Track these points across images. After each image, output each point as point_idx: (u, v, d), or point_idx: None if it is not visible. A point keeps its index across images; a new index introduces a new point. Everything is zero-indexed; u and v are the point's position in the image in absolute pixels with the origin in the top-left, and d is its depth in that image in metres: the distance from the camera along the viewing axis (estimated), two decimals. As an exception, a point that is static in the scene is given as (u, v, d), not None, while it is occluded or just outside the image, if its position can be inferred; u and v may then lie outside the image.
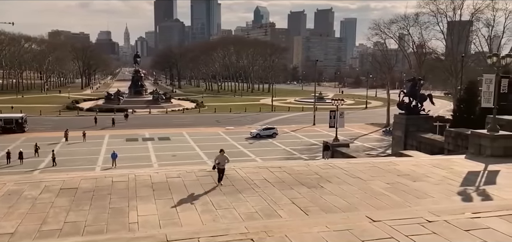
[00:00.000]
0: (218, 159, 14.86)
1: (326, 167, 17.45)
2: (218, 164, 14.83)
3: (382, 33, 73.67)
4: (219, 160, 14.83)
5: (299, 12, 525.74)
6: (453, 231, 8.32)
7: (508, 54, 27.45)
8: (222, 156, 14.88)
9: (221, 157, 14.87)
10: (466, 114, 38.49)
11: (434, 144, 29.00)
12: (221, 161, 14.84)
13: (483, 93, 22.42)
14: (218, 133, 64.71)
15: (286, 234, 7.76)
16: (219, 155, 14.92)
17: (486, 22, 62.88)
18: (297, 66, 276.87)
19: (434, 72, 74.49)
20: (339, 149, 30.13)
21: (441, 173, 16.64)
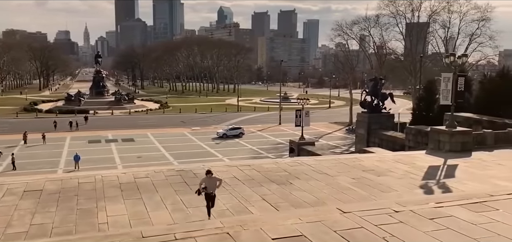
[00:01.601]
0: (205, 183, 11.60)
1: (294, 164, 17.77)
2: (205, 188, 11.56)
3: (345, 34, 75.29)
4: (206, 184, 11.59)
5: (263, 13, 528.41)
6: (419, 219, 8.76)
7: (464, 54, 28.91)
8: (210, 179, 11.65)
9: (210, 180, 11.63)
10: (425, 112, 40.09)
11: (395, 141, 29.96)
12: (209, 185, 11.60)
13: (441, 91, 23.43)
14: (184, 134, 64.13)
15: (261, 227, 7.91)
16: (205, 178, 11.67)
17: (442, 23, 65.56)
18: (262, 67, 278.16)
19: (394, 72, 76.77)
20: (305, 147, 30.53)
21: (404, 168, 17.32)
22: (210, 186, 11.64)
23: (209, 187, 11.59)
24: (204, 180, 11.72)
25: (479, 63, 63.87)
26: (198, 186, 11.84)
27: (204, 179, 11.76)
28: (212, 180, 11.70)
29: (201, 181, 11.90)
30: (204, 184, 11.66)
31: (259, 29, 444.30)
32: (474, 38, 62.15)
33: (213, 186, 11.71)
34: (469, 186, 14.32)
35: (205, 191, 11.60)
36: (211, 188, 11.64)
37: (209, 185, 11.64)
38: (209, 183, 11.65)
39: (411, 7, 66.36)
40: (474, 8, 62.21)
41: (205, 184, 11.63)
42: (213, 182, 11.73)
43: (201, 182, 11.84)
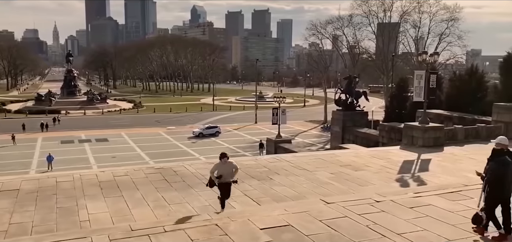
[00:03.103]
0: (219, 170, 9.88)
1: (273, 161, 17.97)
2: (220, 177, 9.84)
3: (319, 33, 76.29)
4: (221, 171, 9.87)
5: (237, 12, 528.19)
6: (399, 208, 9.11)
7: (435, 52, 29.88)
8: (225, 164, 9.92)
9: (224, 165, 9.92)
10: (398, 110, 41.12)
11: (369, 137, 30.61)
12: (225, 172, 9.91)
13: (414, 89, 24.16)
14: (159, 133, 63.53)
15: (249, 218, 8.06)
16: (219, 164, 9.94)
17: (413, 23, 67.32)
18: (236, 66, 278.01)
19: (366, 71, 78.29)
20: (282, 145, 30.87)
21: (380, 163, 17.77)
22: (225, 173, 9.97)
23: (225, 175, 9.93)
24: (218, 166, 9.97)
25: (448, 62, 65.85)
26: (210, 175, 10.00)
27: (217, 165, 9.99)
28: (227, 165, 10.05)
29: (213, 168, 9.99)
30: (218, 171, 9.89)
31: (233, 29, 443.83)
32: (443, 38, 64.17)
33: (229, 173, 10.08)
34: (442, 179, 14.85)
35: (220, 180, 9.83)
36: (227, 175, 10.00)
37: (224, 171, 9.96)
38: (224, 170, 9.98)
39: (383, 7, 67.93)
40: (444, 8, 64.25)
41: (219, 172, 9.88)
42: (229, 168, 10.09)
43: (214, 169, 9.97)
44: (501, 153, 7.59)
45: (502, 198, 7.54)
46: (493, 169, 7.47)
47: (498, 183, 7.39)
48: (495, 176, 7.41)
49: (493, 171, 7.46)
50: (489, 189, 7.49)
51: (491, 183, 7.46)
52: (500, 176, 7.39)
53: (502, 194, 7.51)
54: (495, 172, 7.41)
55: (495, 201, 7.54)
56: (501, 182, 7.38)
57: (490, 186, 7.48)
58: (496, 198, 7.52)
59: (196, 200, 12.41)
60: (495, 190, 7.42)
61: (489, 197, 7.51)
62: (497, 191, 7.44)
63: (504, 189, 7.48)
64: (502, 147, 7.75)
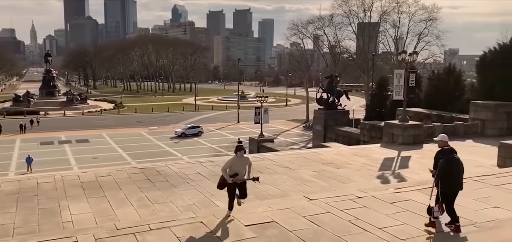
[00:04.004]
0: (235, 166, 8.63)
1: (256, 160, 18.06)
2: (234, 176, 8.59)
3: (300, 33, 76.86)
4: (237, 168, 8.64)
5: (218, 12, 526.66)
6: (380, 203, 9.35)
7: (414, 51, 30.53)
8: (241, 159, 8.72)
9: (240, 160, 8.71)
10: (378, 108, 41.77)
11: (350, 136, 31.03)
12: (241, 168, 8.71)
13: (394, 87, 24.60)
14: (141, 134, 63.03)
15: (234, 215, 8.16)
16: (235, 159, 8.69)
17: (392, 23, 68.39)
18: (218, 66, 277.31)
19: (347, 70, 79.16)
20: (264, 144, 31.00)
21: (361, 160, 18.09)
22: (241, 170, 8.70)
23: (241, 172, 8.68)
24: (233, 162, 8.63)
25: (427, 61, 67.06)
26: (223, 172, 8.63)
27: (232, 161, 8.65)
28: (243, 160, 8.79)
29: (226, 165, 8.64)
30: (232, 168, 8.60)
31: (214, 28, 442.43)
32: (422, 37, 65.34)
33: (243, 169, 8.82)
34: (422, 175, 15.20)
35: (236, 179, 8.56)
36: (242, 172, 8.77)
37: (240, 168, 8.67)
38: (240, 166, 8.69)
39: (363, 7, 68.82)
40: (422, 8, 65.45)
41: (234, 169, 8.59)
42: (244, 164, 8.83)
43: (227, 166, 8.63)
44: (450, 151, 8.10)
45: (452, 192, 8.03)
46: (441, 166, 7.94)
47: (447, 179, 7.88)
48: (444, 172, 7.88)
49: (441, 168, 7.93)
50: (440, 184, 7.97)
51: (441, 179, 7.93)
52: (448, 172, 7.87)
53: (451, 188, 8.00)
54: (443, 169, 7.89)
55: (447, 195, 8.01)
56: (449, 178, 7.89)
57: (440, 182, 7.96)
58: (447, 192, 8.00)
59: (180, 199, 12.45)
60: (444, 185, 7.94)
61: (442, 192, 8.00)
62: (447, 186, 7.94)
63: (452, 184, 7.98)
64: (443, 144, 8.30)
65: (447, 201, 8.01)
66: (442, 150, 8.28)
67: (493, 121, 25.45)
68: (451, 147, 8.26)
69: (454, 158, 8.02)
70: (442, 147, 8.32)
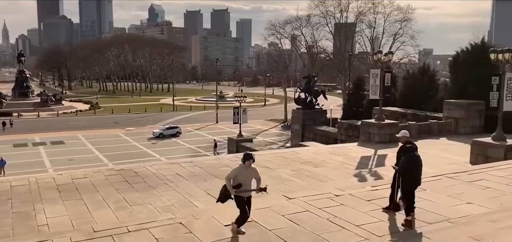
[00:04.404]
0: (240, 177, 7.71)
1: (235, 160, 18.00)
2: (238, 187, 7.65)
3: (278, 33, 77.16)
4: (242, 178, 7.71)
5: (195, 12, 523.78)
6: (358, 201, 9.52)
7: (390, 51, 30.98)
8: (249, 169, 7.78)
9: (247, 171, 7.78)
10: (355, 108, 42.29)
11: (328, 135, 31.37)
12: (247, 179, 7.77)
13: (370, 87, 24.96)
14: (118, 135, 62.15)
15: (213, 216, 8.16)
16: (241, 168, 7.77)
17: (368, 24, 69.38)
18: (196, 66, 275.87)
19: (324, 70, 79.90)
20: (243, 144, 31.00)
21: (339, 159, 18.33)
22: (247, 181, 7.74)
23: (246, 184, 7.70)
24: (238, 172, 7.69)
25: (402, 61, 68.33)
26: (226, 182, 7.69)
27: (237, 170, 7.72)
28: (250, 171, 7.78)
29: (230, 174, 7.73)
30: (237, 178, 7.66)
31: (192, 28, 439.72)
32: (397, 38, 66.52)
33: (249, 181, 7.81)
34: (397, 173, 15.54)
35: (238, 191, 7.57)
36: (248, 184, 7.78)
37: (246, 179, 7.72)
38: (246, 177, 7.74)
39: (339, 8, 69.56)
40: (397, 9, 66.64)
41: (239, 179, 7.65)
42: (251, 175, 7.84)
43: (232, 176, 7.70)
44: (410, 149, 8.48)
45: (413, 188, 8.48)
46: (403, 163, 8.38)
47: (408, 175, 8.35)
48: (405, 169, 8.33)
49: (403, 165, 8.38)
50: (402, 180, 8.41)
51: (403, 176, 8.37)
52: (410, 169, 8.31)
53: (412, 184, 8.46)
54: (405, 166, 8.33)
55: (408, 190, 8.46)
56: (410, 174, 8.35)
57: (402, 178, 8.40)
58: (408, 188, 8.45)
59: (159, 200, 12.37)
60: (406, 181, 8.38)
61: (403, 188, 8.46)
62: (408, 182, 8.39)
63: (413, 180, 8.44)
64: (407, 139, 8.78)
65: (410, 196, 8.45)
66: (404, 147, 8.65)
67: (465, 119, 26.16)
68: (413, 144, 8.61)
69: (415, 156, 8.40)
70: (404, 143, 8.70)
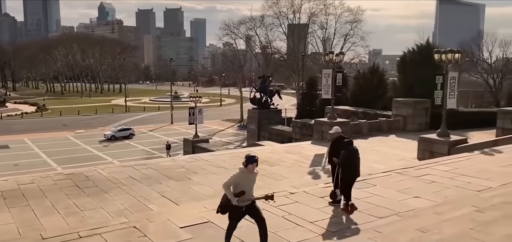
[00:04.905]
0: (243, 183, 6.85)
1: (191, 160, 17.97)
2: (242, 195, 6.81)
3: (232, 33, 77.21)
4: (244, 185, 6.87)
5: (148, 10, 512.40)
6: (312, 198, 9.74)
7: (341, 52, 31.88)
8: (252, 174, 6.93)
9: (251, 176, 6.94)
10: (309, 107, 43.13)
11: (283, 134, 31.78)
12: (249, 186, 6.95)
13: (323, 86, 25.57)
14: (67, 137, 59.80)
15: (168, 218, 8.05)
16: (243, 173, 6.88)
17: (320, 25, 71.03)
18: (149, 66, 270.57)
19: (279, 70, 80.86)
20: (199, 145, 30.79)
21: (293, 157, 18.64)
22: (250, 188, 6.86)
23: (249, 191, 6.83)
24: (240, 178, 6.79)
25: (352, 61, 70.38)
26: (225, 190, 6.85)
27: (238, 176, 6.81)
28: (254, 176, 6.94)
29: (230, 181, 6.84)
30: (239, 184, 6.78)
31: (144, 27, 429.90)
32: (348, 38, 68.55)
33: (251, 187, 6.93)
34: (350, 169, 16.02)
35: (240, 199, 6.71)
36: (251, 190, 6.90)
37: (249, 185, 6.86)
38: (249, 183, 6.88)
39: (292, 9, 70.66)
40: (347, 10, 68.67)
41: (241, 186, 6.77)
42: (253, 181, 6.98)
43: (231, 182, 6.82)
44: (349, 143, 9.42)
45: (351, 179, 9.29)
46: (343, 156, 9.17)
47: (347, 167, 9.14)
48: (345, 162, 9.15)
49: (343, 158, 9.17)
50: (341, 171, 9.21)
51: (343, 168, 9.18)
52: (349, 162, 9.13)
53: (350, 175, 9.25)
54: (345, 159, 9.14)
55: (346, 181, 9.24)
56: (350, 166, 9.16)
57: (342, 170, 9.19)
58: (347, 179, 9.23)
59: (111, 204, 12.03)
60: (345, 173, 9.18)
61: (342, 178, 9.23)
62: (347, 173, 9.19)
63: (352, 171, 9.23)
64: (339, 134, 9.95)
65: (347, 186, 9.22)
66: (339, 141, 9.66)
67: (413, 116, 27.39)
68: (350, 139, 9.69)
69: (354, 149, 9.28)
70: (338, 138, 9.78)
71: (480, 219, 8.53)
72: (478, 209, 9.21)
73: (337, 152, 9.45)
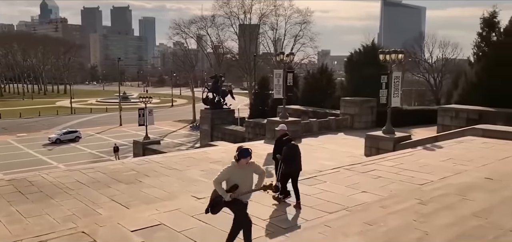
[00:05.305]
0: (234, 177, 6.33)
1: (142, 163, 17.60)
2: (235, 189, 6.28)
3: (183, 33, 76.40)
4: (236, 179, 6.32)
5: (94, 9, 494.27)
6: (264, 196, 9.65)
7: (291, 53, 32.50)
8: (245, 168, 6.39)
9: (244, 171, 6.38)
10: (261, 106, 43.55)
11: (236, 134, 31.90)
12: (244, 181, 6.37)
13: (274, 86, 25.93)
14: (8, 142, 56.54)
15: (118, 222, 7.85)
16: (234, 167, 6.36)
17: (271, 25, 71.92)
18: (96, 65, 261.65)
19: (231, 70, 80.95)
20: (150, 147, 30.17)
21: (246, 157, 18.72)
22: (244, 183, 6.27)
23: (243, 186, 6.23)
24: (230, 172, 6.23)
25: (303, 62, 71.78)
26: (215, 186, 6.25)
27: (231, 170, 6.24)
28: (249, 170, 6.37)
29: (221, 177, 6.24)
30: (231, 179, 6.23)
31: (90, 26, 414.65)
32: (298, 39, 69.88)
33: (250, 184, 6.37)
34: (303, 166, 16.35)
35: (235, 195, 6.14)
36: (246, 186, 6.31)
37: (243, 180, 6.26)
38: (243, 177, 6.28)
39: (243, 9, 71.05)
40: (297, 12, 70.01)
41: (233, 180, 6.22)
42: (249, 174, 6.39)
43: (222, 178, 6.24)
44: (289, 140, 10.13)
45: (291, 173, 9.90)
46: (285, 152, 9.84)
47: (289, 162, 9.79)
48: (286, 157, 9.81)
49: (285, 154, 9.84)
50: (284, 166, 9.83)
51: (285, 163, 9.83)
52: (290, 157, 9.80)
53: (292, 170, 9.88)
54: (286, 155, 9.81)
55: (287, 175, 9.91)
56: (291, 161, 9.81)
57: (285, 164, 9.83)
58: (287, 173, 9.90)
59: (58, 210, 11.54)
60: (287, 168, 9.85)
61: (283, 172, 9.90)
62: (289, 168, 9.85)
63: (293, 165, 9.83)
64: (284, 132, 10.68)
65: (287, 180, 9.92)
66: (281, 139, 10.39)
67: (360, 115, 28.42)
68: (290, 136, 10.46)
69: (294, 146, 9.98)
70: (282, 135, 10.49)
71: (423, 211, 9.01)
72: (420, 201, 9.72)
73: (280, 149, 10.09)
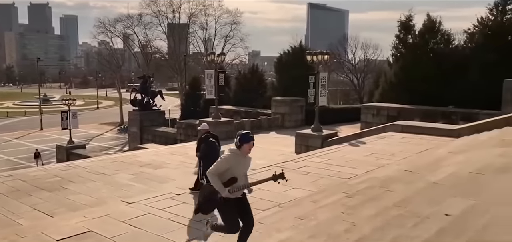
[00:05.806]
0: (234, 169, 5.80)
1: (66, 168, 16.70)
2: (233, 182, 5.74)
3: (108, 31, 73.46)
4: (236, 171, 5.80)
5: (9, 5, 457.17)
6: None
7: (222, 53, 32.64)
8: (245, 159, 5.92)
9: (244, 161, 5.94)
10: (193, 107, 43.14)
11: (168, 135, 31.41)
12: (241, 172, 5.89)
13: (206, 87, 25.90)
14: None
15: (42, 231, 7.37)
16: (235, 156, 5.81)
17: (200, 25, 71.32)
18: (12, 66, 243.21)
19: (160, 70, 79.24)
20: (75, 151, 28.64)
21: (179, 159, 18.53)
22: (242, 174, 5.84)
23: (241, 177, 5.79)
24: (233, 161, 5.70)
25: (234, 62, 72.08)
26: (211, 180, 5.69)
27: (231, 159, 5.71)
28: (248, 160, 5.91)
29: (219, 167, 5.71)
30: (230, 171, 5.68)
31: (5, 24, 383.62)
32: (228, 40, 69.99)
33: (246, 177, 5.98)
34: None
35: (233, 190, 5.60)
36: (244, 177, 5.90)
37: (242, 172, 5.84)
38: (242, 168, 5.86)
39: (171, 8, 69.79)
40: (226, 12, 70.13)
41: (233, 172, 5.68)
42: (247, 165, 5.93)
43: (220, 169, 5.70)
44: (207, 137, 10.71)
45: None
46: (203, 149, 10.48)
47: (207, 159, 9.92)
48: (204, 154, 10.31)
49: (203, 150, 10.48)
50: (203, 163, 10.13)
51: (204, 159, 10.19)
52: (208, 153, 10.17)
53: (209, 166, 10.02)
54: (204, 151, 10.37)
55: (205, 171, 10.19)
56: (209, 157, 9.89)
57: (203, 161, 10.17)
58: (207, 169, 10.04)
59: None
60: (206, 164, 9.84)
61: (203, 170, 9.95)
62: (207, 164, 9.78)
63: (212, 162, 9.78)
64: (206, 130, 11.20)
65: None
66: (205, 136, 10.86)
67: (290, 114, 29.24)
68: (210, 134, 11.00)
69: (212, 142, 10.55)
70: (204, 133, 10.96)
71: (350, 203, 9.48)
72: (347, 194, 10.22)
73: None
